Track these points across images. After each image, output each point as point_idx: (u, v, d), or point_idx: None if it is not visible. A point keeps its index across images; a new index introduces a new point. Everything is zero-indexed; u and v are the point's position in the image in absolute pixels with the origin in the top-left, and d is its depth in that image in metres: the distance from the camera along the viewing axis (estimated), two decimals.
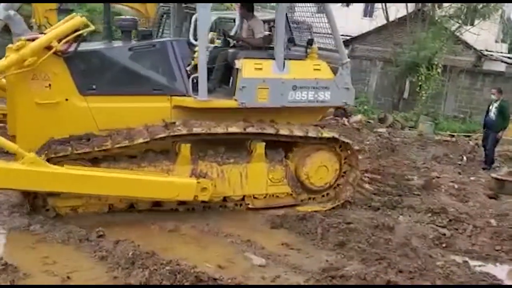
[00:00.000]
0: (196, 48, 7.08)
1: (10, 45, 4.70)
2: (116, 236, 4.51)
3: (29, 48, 4.57)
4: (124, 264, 3.98)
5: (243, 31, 6.40)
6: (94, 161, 4.92)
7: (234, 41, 6.44)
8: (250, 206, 5.59)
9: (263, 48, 5.80)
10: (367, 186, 7.09)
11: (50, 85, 4.81)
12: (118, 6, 19.35)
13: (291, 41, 6.69)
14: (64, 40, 4.75)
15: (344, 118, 12.67)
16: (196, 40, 10.34)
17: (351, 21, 26.14)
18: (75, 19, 4.90)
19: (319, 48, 6.05)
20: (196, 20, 11.27)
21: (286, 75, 5.49)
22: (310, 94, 5.61)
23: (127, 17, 6.09)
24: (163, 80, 5.22)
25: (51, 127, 4.84)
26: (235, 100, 5.32)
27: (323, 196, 5.96)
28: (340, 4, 19.17)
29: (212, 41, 6.79)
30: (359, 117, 13.21)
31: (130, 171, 4.91)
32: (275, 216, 5.42)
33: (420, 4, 17.30)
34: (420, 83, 15.46)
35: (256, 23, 6.06)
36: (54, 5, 11.44)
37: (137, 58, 5.16)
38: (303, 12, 7.65)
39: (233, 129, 5.18)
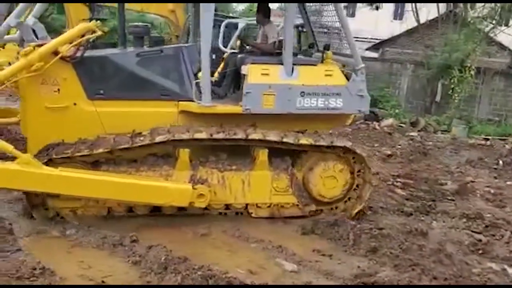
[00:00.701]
0: (225, 55, 7.19)
1: (19, 51, 4.85)
2: (149, 240, 4.57)
3: (36, 53, 4.72)
4: (157, 269, 4.04)
5: (258, 36, 6.44)
6: (96, 164, 5.00)
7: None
8: (253, 215, 5.46)
9: (274, 53, 5.69)
10: (399, 191, 6.98)
11: (59, 89, 4.97)
12: (150, 16, 19.80)
13: (312, 46, 6.57)
14: (70, 45, 4.87)
15: (375, 122, 12.52)
16: (225, 46, 10.49)
17: (381, 24, 25.89)
18: (82, 25, 5.02)
19: (334, 53, 5.94)
20: (225, 27, 11.46)
21: (294, 81, 5.32)
22: (320, 101, 5.38)
23: (139, 23, 6.24)
24: (171, 86, 5.26)
25: (60, 130, 4.99)
26: (241, 106, 5.26)
27: (331, 209, 5.64)
28: (369, 7, 18.98)
29: (240, 48, 6.84)
30: (390, 121, 13.01)
31: (123, 175, 4.92)
32: (306, 222, 5.39)
33: (451, 5, 16.98)
34: (452, 86, 15.13)
35: (270, 29, 6.06)
36: (87, 15, 11.74)
37: (145, 64, 5.23)
38: (332, 17, 7.56)
39: (202, 134, 5.01)
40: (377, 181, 5.82)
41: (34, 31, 5.35)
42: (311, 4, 6.28)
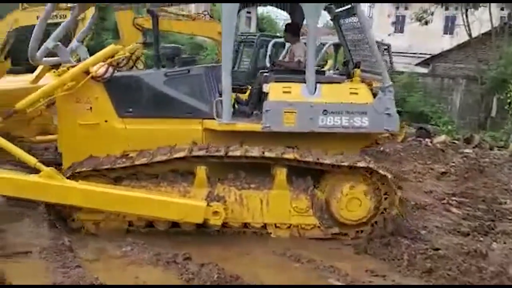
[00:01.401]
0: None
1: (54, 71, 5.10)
2: (202, 258, 4.62)
3: (69, 73, 5.04)
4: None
5: (286, 55, 6.45)
6: (118, 179, 5.16)
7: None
8: (272, 235, 5.33)
9: (299, 71, 5.54)
10: (454, 210, 6.74)
11: (91, 107, 5.25)
12: (199, 38, 20.34)
13: (346, 63, 6.47)
14: (99, 65, 5.13)
15: (427, 139, 12.21)
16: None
17: (431, 39, 25.37)
18: (110, 47, 5.29)
19: (363, 71, 5.76)
20: (272, 46, 11.61)
21: (316, 99, 5.22)
22: (344, 119, 5.24)
23: (170, 45, 6.45)
24: (196, 104, 5.36)
25: (92, 146, 5.24)
26: (261, 123, 5.24)
27: (357, 232, 5.41)
28: (418, 22, 18.69)
29: None
30: (443, 137, 12.65)
31: (140, 190, 5.05)
32: (359, 242, 5.29)
33: (506, 17, 16.44)
34: (509, 100, 14.57)
35: (297, 47, 6.03)
36: (139, 38, 12.21)
37: (171, 83, 5.38)
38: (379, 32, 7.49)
39: (196, 153, 5.01)
40: (402, 205, 5.40)
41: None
42: (346, 20, 6.16)
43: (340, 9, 6.09)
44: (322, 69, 6.46)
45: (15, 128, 5.91)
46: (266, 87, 5.41)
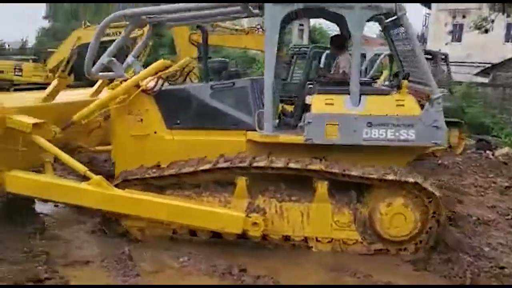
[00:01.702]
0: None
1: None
2: (257, 270, 4.62)
3: (121, 87, 5.32)
4: None
5: (332, 67, 6.36)
6: (163, 188, 5.32)
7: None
8: (313, 249, 5.25)
9: (344, 83, 5.42)
10: None
11: (142, 119, 5.49)
12: (252, 52, 20.61)
13: (396, 75, 6.30)
14: (148, 79, 5.37)
15: (488, 151, 11.69)
16: None
17: (491, 47, 24.42)
18: (160, 62, 5.54)
19: (410, 81, 5.59)
20: (325, 58, 11.55)
21: (360, 111, 5.12)
22: (389, 132, 5.10)
23: (218, 59, 6.62)
24: (240, 116, 5.42)
25: (142, 156, 5.46)
26: (304, 136, 5.18)
27: (400, 249, 5.23)
28: (477, 31, 18.03)
29: None
30: (506, 149, 12.05)
31: (181, 199, 5.18)
32: (418, 258, 5.11)
33: None
34: None
35: (342, 59, 5.94)
36: (194, 53, 12.52)
37: (217, 96, 5.50)
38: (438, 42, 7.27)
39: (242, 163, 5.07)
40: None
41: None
42: (396, 31, 5.99)
43: (389, 19, 5.98)
44: (370, 80, 6.27)
45: (76, 139, 6.19)
46: (308, 99, 5.39)
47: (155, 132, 5.51)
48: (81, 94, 6.39)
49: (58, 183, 5.12)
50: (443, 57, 12.60)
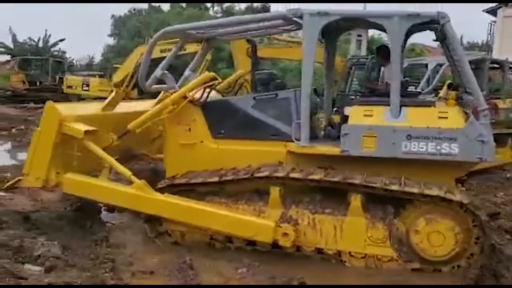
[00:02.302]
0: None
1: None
2: (316, 283, 4.57)
3: (170, 98, 5.57)
4: None
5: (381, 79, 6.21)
6: (203, 195, 5.46)
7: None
8: (347, 264, 5.08)
9: (387, 94, 5.22)
10: None
11: (190, 129, 5.70)
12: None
13: (449, 86, 6.02)
14: (194, 91, 5.59)
15: None
16: None
17: None
18: (205, 74, 5.78)
19: (469, 93, 5.28)
20: (372, 69, 11.36)
21: (400, 123, 4.93)
22: (430, 145, 4.83)
23: (265, 71, 6.69)
24: (281, 127, 5.41)
25: (190, 164, 5.65)
26: (340, 147, 5.04)
27: (434, 270, 4.92)
28: None
29: None
30: None
31: (215, 205, 5.30)
32: (468, 274, 4.77)
33: None
34: None
35: (387, 70, 5.77)
36: (250, 66, 12.69)
37: (260, 107, 5.58)
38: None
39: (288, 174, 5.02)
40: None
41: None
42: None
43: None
44: (416, 92, 6.02)
45: (139, 147, 6.53)
46: (347, 110, 5.30)
47: (201, 141, 5.69)
48: (140, 105, 6.72)
49: (106, 186, 5.45)
50: (511, 65, 12.03)
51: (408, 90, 5.89)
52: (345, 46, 23.04)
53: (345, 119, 5.36)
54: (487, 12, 27.87)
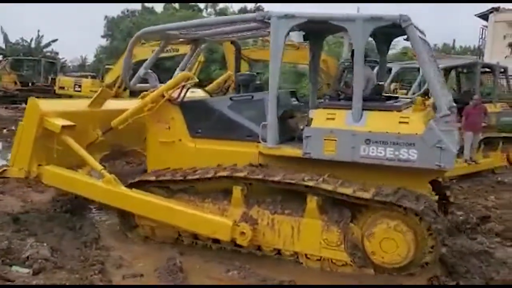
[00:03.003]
0: None
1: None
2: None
3: (149, 96, 5.73)
4: None
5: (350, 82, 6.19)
6: (173, 192, 5.60)
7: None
8: (304, 265, 5.07)
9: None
10: None
11: (169, 127, 5.83)
12: (300, 66, 20.65)
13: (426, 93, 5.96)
14: (171, 90, 5.71)
15: None
16: None
17: None
18: (182, 74, 5.88)
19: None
20: (376, 73, 11.40)
21: (359, 127, 4.84)
22: (389, 150, 4.71)
23: (246, 72, 6.71)
24: (254, 128, 5.41)
25: (169, 161, 5.77)
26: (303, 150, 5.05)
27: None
28: None
29: (394, 91, 6.68)
30: None
31: (178, 202, 5.40)
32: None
33: None
34: None
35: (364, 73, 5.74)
36: (246, 69, 12.68)
37: (235, 108, 5.64)
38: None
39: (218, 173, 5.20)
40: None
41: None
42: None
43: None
44: (383, 97, 5.89)
45: (131, 143, 6.65)
46: (312, 113, 5.26)
47: (180, 140, 5.81)
48: (128, 103, 6.69)
49: (80, 179, 5.65)
50: (502, 70, 12.14)
51: (385, 94, 5.81)
52: (337, 49, 23.07)
53: (310, 122, 5.32)
54: (478, 17, 28.06)
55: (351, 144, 4.86)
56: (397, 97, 6.25)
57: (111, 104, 6.36)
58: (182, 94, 5.78)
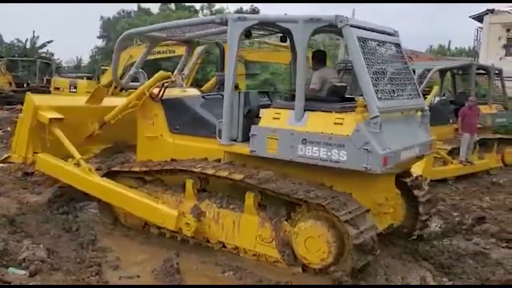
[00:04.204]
0: None
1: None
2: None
3: (134, 94, 6.12)
4: None
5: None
6: (143, 181, 5.99)
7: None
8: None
9: (309, 99, 5.13)
10: None
11: (153, 123, 6.13)
12: None
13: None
14: (151, 88, 6.03)
15: None
16: None
17: None
18: (161, 73, 6.12)
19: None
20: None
21: (298, 127, 4.89)
22: (322, 151, 4.73)
23: (223, 73, 6.77)
24: (219, 125, 5.46)
25: (152, 154, 6.07)
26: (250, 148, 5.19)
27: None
28: None
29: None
30: None
31: (133, 191, 5.75)
32: None
33: None
34: None
35: (315, 75, 5.75)
36: (242, 71, 12.70)
37: (207, 106, 5.90)
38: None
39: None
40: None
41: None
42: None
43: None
44: (329, 98, 5.85)
45: (133, 137, 6.68)
46: (261, 112, 5.31)
47: (161, 135, 6.09)
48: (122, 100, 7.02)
49: (64, 167, 6.08)
50: (497, 72, 12.20)
51: (348, 96, 5.79)
52: (333, 51, 23.15)
53: (258, 121, 5.39)
54: (473, 18, 28.21)
55: (290, 143, 4.93)
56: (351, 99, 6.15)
57: (108, 102, 6.72)
58: (161, 92, 6.05)
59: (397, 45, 5.51)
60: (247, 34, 5.48)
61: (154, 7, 38.29)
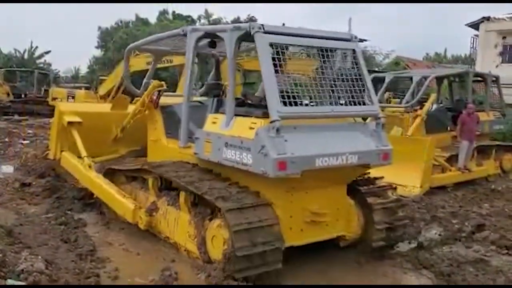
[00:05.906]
0: None
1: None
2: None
3: (139, 101, 6.78)
4: None
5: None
6: (132, 178, 6.58)
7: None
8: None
9: (254, 105, 5.23)
10: None
11: (155, 128, 6.67)
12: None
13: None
14: (149, 97, 6.60)
15: None
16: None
17: None
18: (154, 82, 6.61)
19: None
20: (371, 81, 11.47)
21: (224, 131, 5.07)
22: (237, 154, 4.86)
23: (214, 81, 7.02)
24: (195, 130, 5.64)
25: (156, 156, 6.54)
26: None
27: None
28: None
29: (387, 101, 6.70)
30: None
31: (110, 185, 6.34)
32: None
33: None
34: None
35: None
36: (240, 80, 12.71)
37: (190, 112, 6.00)
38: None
39: None
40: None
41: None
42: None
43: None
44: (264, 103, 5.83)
45: None
46: (207, 117, 5.50)
47: (160, 139, 6.58)
48: None
49: (76, 164, 6.94)
50: (493, 79, 12.24)
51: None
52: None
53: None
54: (469, 26, 28.36)
55: (218, 146, 5.14)
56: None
57: (129, 109, 7.40)
58: (156, 100, 6.58)
59: (352, 51, 5.39)
60: (212, 44, 5.80)
61: (152, 18, 38.47)
